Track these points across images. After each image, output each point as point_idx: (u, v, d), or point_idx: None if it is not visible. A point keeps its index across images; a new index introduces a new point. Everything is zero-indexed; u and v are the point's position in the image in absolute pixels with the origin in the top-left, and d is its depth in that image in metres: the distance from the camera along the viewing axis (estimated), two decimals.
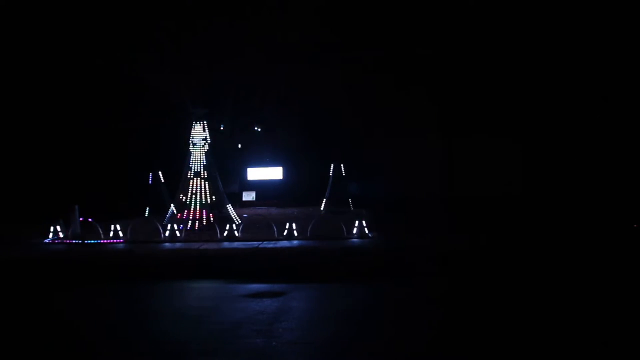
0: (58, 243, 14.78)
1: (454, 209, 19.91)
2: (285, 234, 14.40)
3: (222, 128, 23.20)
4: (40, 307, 9.85)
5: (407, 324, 8.24)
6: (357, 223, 14.73)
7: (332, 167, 20.89)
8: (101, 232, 14.87)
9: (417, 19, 20.99)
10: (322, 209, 20.49)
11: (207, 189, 16.93)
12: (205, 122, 16.85)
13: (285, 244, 13.67)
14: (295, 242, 13.85)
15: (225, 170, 20.79)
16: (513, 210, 19.00)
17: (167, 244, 14.31)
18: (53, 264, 12.71)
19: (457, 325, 8.12)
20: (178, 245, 14.18)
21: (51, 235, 15.04)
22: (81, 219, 15.35)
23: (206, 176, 16.91)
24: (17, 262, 12.71)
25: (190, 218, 16.59)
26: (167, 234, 14.89)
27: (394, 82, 22.09)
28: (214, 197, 17.60)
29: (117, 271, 12.22)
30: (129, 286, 11.32)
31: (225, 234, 14.68)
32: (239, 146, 23.40)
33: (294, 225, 14.66)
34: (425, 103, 22.46)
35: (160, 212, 18.20)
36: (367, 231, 14.51)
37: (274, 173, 23.96)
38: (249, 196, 23.51)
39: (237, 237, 14.57)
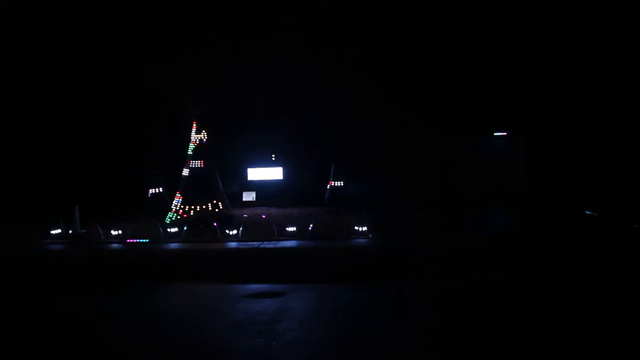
0: (58, 243, 14.77)
1: (454, 209, 19.92)
2: (285, 234, 14.40)
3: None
4: (40, 307, 9.85)
5: (407, 325, 8.24)
6: (357, 223, 14.72)
7: (332, 167, 20.89)
8: (101, 232, 14.88)
9: (417, 19, 21.00)
10: (321, 209, 20.48)
11: (207, 189, 16.96)
12: (205, 122, 16.87)
13: (285, 244, 13.66)
14: (295, 242, 13.85)
15: (225, 170, 20.78)
16: (513, 209, 19.01)
17: (166, 244, 14.30)
18: (53, 264, 12.72)
19: (457, 326, 8.12)
20: (178, 245, 14.18)
21: (51, 236, 15.04)
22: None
23: (206, 176, 16.93)
24: (17, 262, 12.73)
25: (190, 218, 16.60)
26: (167, 234, 14.89)
27: (393, 82, 22.07)
28: (213, 197, 17.63)
29: (116, 271, 12.23)
30: (129, 286, 11.32)
31: (225, 234, 14.68)
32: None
33: (294, 226, 14.68)
34: (425, 103, 22.45)
35: (160, 212, 18.20)
36: (367, 231, 14.51)
37: (274, 173, 23.98)
38: (249, 196, 23.50)
39: (237, 237, 14.57)
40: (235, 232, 14.66)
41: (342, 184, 20.70)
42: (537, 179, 22.28)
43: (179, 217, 17.18)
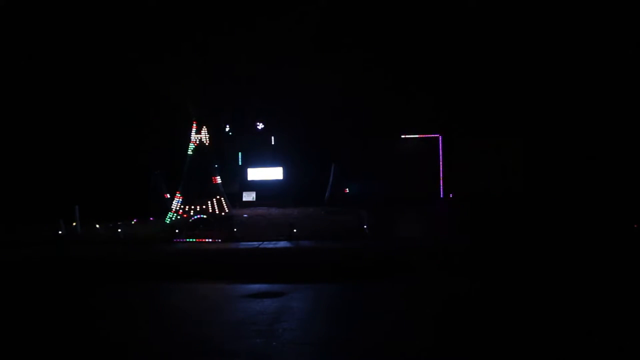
0: (57, 243, 14.76)
1: (454, 208, 19.95)
2: (285, 234, 14.39)
3: (227, 129, 23.37)
4: (38, 307, 9.86)
5: (407, 324, 8.24)
6: (357, 223, 14.72)
7: (332, 167, 20.92)
8: (101, 232, 14.88)
9: (417, 20, 21.03)
10: (321, 209, 20.50)
11: (207, 189, 16.98)
12: (205, 122, 16.89)
13: (285, 244, 13.66)
14: (295, 242, 13.84)
15: (225, 170, 20.80)
16: (513, 209, 19.01)
17: (166, 244, 14.30)
18: (52, 264, 12.71)
19: (456, 326, 8.13)
20: (178, 245, 14.17)
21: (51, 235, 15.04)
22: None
23: (206, 175, 16.95)
24: (17, 262, 12.73)
25: (190, 218, 16.61)
26: (167, 234, 14.89)
27: (393, 82, 22.09)
28: (213, 197, 17.63)
29: (116, 271, 12.22)
30: (129, 286, 11.32)
31: (225, 233, 14.68)
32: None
33: (294, 226, 14.67)
34: (423, 103, 22.48)
35: (160, 212, 18.21)
36: (366, 231, 14.51)
37: (274, 173, 23.99)
38: (249, 196, 23.53)
39: (237, 237, 14.57)
40: (234, 231, 14.67)
41: (342, 184, 20.73)
42: (536, 178, 22.29)
43: (179, 217, 17.19)
